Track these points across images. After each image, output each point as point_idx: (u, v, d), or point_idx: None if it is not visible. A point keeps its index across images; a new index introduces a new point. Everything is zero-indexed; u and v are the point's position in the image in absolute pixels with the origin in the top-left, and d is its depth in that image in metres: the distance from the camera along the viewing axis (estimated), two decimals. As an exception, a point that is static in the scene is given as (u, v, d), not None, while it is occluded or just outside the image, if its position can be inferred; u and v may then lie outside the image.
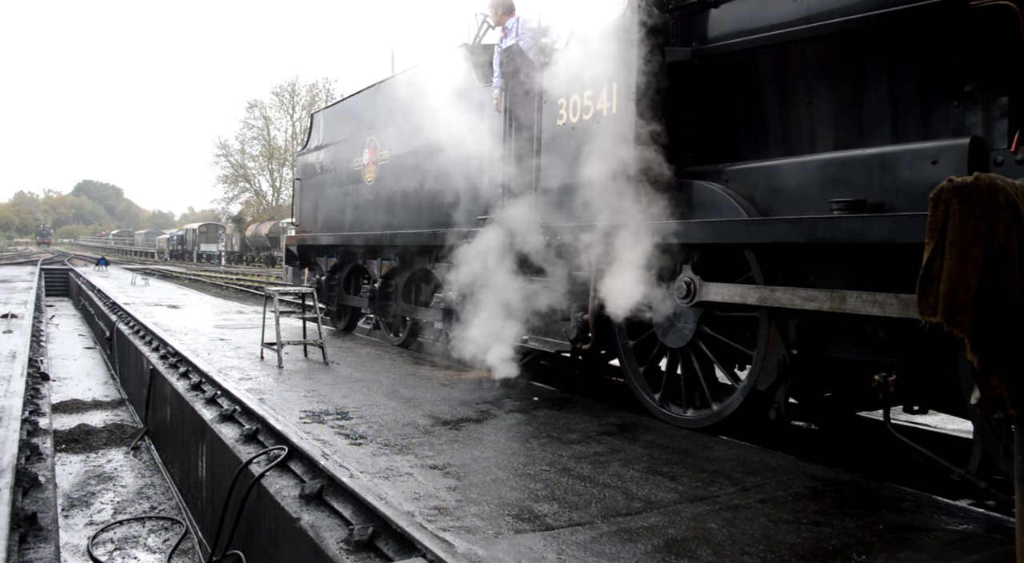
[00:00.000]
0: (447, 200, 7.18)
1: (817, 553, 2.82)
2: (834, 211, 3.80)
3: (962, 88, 3.60)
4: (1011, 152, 3.37)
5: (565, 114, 5.55)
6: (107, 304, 14.63)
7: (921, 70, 3.74)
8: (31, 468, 4.33)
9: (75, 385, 10.81)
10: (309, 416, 4.90)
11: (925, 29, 3.67)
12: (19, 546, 3.34)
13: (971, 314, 2.25)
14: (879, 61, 3.91)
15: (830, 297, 3.88)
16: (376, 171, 8.65)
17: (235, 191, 59.52)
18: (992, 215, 2.25)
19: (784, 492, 3.54)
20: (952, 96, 3.63)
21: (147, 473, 6.97)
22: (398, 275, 8.73)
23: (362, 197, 9.04)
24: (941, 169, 3.47)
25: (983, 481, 3.43)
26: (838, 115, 4.16)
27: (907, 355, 3.75)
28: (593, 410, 5.33)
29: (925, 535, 3.04)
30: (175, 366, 7.37)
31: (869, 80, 3.98)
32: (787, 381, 4.31)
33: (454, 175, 6.98)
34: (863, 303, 3.72)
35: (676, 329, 4.98)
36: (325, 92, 53.31)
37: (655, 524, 3.08)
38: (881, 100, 3.94)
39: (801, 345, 4.22)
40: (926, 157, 3.58)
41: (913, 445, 3.89)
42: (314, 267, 11.05)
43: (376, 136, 8.70)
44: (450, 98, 7.10)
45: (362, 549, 3.01)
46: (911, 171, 3.64)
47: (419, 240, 7.76)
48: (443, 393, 5.83)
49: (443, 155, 7.10)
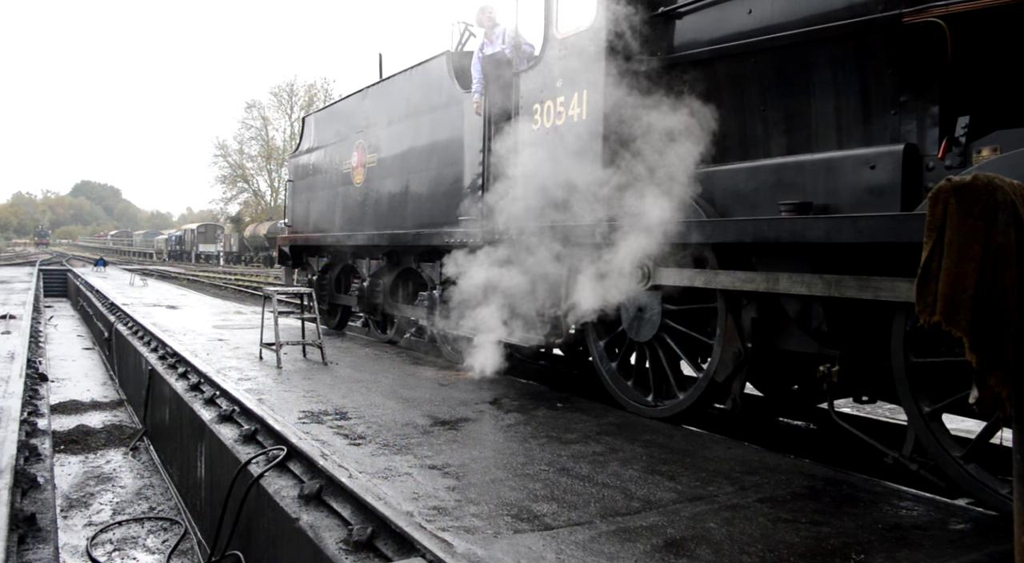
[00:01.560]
0: (430, 201, 7.43)
1: (816, 552, 2.82)
2: (782, 212, 4.05)
3: (898, 98, 3.85)
4: (939, 158, 3.62)
5: (540, 119, 5.86)
6: (105, 305, 14.62)
7: (863, 81, 3.99)
8: (30, 469, 4.33)
9: (74, 386, 10.80)
10: (308, 416, 4.90)
11: (865, 43, 3.90)
12: (18, 547, 3.34)
13: (969, 313, 2.26)
14: (825, 72, 4.16)
15: (765, 279, 4.24)
16: (364, 173, 8.89)
17: (233, 191, 59.48)
18: (990, 214, 2.25)
19: (783, 491, 3.54)
20: (890, 106, 3.88)
21: (146, 474, 6.96)
22: (386, 274, 8.94)
23: (351, 198, 9.26)
24: (878, 174, 3.75)
25: (914, 463, 3.73)
26: (788, 122, 4.41)
27: (848, 347, 4.02)
28: (592, 410, 5.33)
29: (923, 534, 3.04)
30: (174, 366, 7.37)
31: (816, 90, 4.23)
32: (742, 372, 4.64)
33: (436, 177, 7.28)
34: (792, 284, 4.08)
35: (643, 325, 5.29)
36: (323, 92, 53.29)
37: (654, 524, 3.08)
38: (827, 109, 4.18)
39: (755, 338, 4.51)
40: (865, 162, 3.84)
41: (854, 431, 4.16)
42: (306, 267, 11.29)
43: (364, 139, 8.95)
44: (433, 103, 7.44)
45: (361, 549, 3.01)
46: (852, 175, 3.89)
47: (404, 240, 7.97)
48: (442, 393, 5.83)
49: (426, 157, 7.47)
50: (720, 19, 4.76)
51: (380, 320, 9.48)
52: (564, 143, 5.54)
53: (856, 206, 3.84)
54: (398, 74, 8.38)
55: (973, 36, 3.56)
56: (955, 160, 3.58)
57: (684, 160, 4.78)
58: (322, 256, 10.66)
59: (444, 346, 7.82)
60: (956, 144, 3.59)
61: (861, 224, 3.62)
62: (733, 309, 4.61)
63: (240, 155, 57.78)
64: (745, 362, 4.57)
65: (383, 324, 9.53)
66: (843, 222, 3.70)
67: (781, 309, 4.30)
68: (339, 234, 9.61)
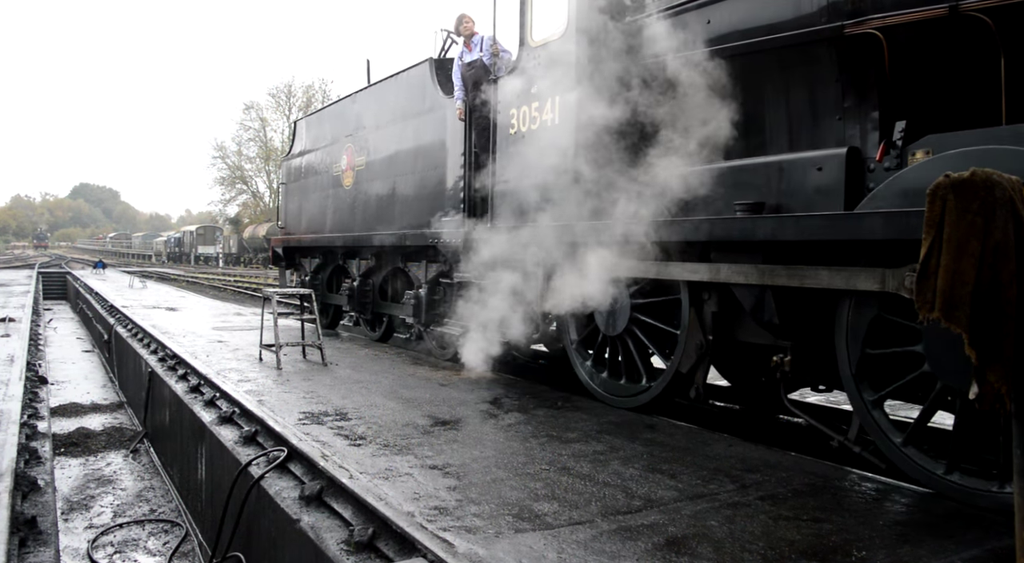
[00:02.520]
0: (415, 203, 7.68)
1: (817, 549, 2.82)
2: (737, 212, 4.33)
3: (843, 104, 4.11)
4: (878, 161, 3.86)
5: (516, 124, 6.15)
6: (105, 307, 14.61)
7: (811, 89, 4.25)
8: (30, 472, 4.32)
9: (73, 388, 10.79)
10: (308, 417, 4.90)
11: (812, 53, 4.16)
12: (19, 550, 3.34)
13: (969, 309, 2.26)
14: (777, 80, 4.42)
15: (708, 269, 4.58)
16: (354, 176, 9.16)
17: (232, 193, 59.37)
18: (989, 210, 2.25)
19: (784, 489, 3.54)
20: (835, 111, 4.15)
21: (146, 476, 6.96)
22: (375, 274, 9.24)
23: (341, 200, 9.52)
24: (824, 175, 4.02)
25: (857, 446, 3.99)
26: (746, 127, 4.67)
27: (798, 338, 4.29)
28: (592, 409, 5.33)
29: (925, 531, 3.04)
30: (174, 368, 7.36)
31: (769, 96, 4.51)
32: (705, 363, 4.93)
33: (421, 179, 7.54)
34: (732, 273, 4.42)
35: (614, 319, 5.56)
36: (321, 93, 53.16)
37: (655, 522, 3.08)
38: (780, 114, 4.45)
39: (716, 331, 4.82)
40: (813, 164, 4.10)
41: (805, 417, 4.47)
42: (299, 267, 11.57)
43: (353, 143, 9.23)
44: (417, 108, 7.73)
45: (362, 550, 3.01)
46: (802, 176, 4.15)
47: (391, 241, 8.20)
48: (442, 393, 5.82)
49: (411, 161, 7.74)
50: (682, 27, 4.99)
51: (370, 319, 9.68)
52: (539, 147, 5.76)
53: (806, 205, 4.10)
54: (384, 80, 8.69)
55: (907, 47, 3.83)
56: (892, 162, 3.80)
57: (654, 163, 4.97)
58: (314, 257, 10.91)
59: (431, 343, 8.01)
60: (893, 147, 3.81)
61: (802, 223, 3.92)
62: (696, 303, 4.90)
63: (238, 156, 57.71)
64: (707, 353, 4.86)
65: (373, 323, 9.77)
66: (787, 221, 4.00)
67: (739, 303, 4.53)
68: (330, 235, 9.87)
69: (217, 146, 59.25)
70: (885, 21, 3.80)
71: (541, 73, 5.84)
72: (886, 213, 3.52)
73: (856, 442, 4.00)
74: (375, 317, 9.59)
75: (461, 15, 7.15)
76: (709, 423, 5.36)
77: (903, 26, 3.75)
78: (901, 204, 3.54)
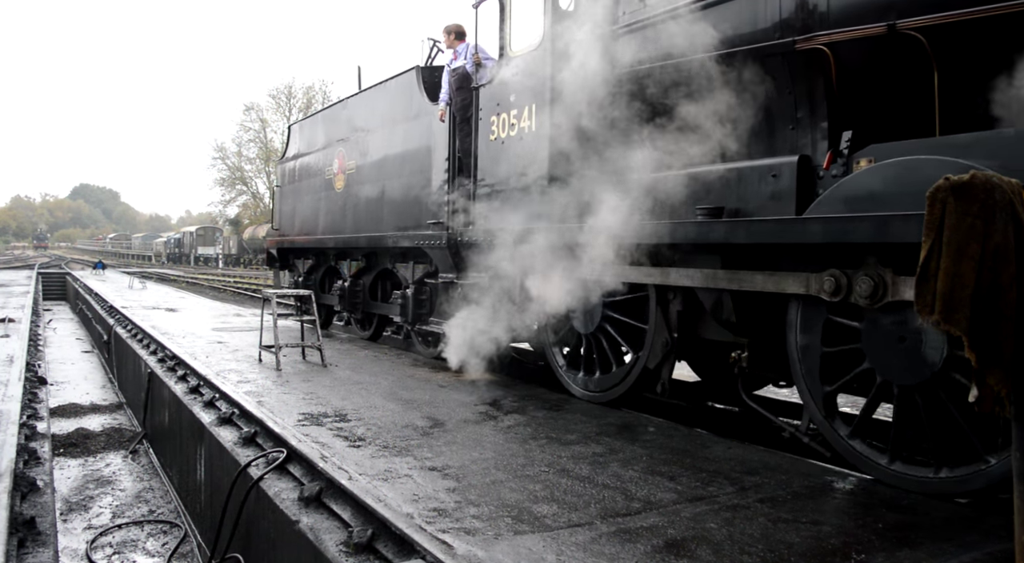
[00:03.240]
0: (403, 205, 7.96)
1: (816, 552, 2.82)
2: (698, 216, 4.56)
3: (796, 115, 4.34)
4: (826, 168, 4.09)
5: (496, 130, 6.42)
6: (104, 308, 14.61)
7: (767, 99, 4.48)
8: (29, 472, 4.32)
9: (73, 389, 10.79)
10: (308, 418, 4.90)
11: (768, 66, 4.41)
12: (18, 551, 3.34)
13: (968, 312, 2.26)
14: (737, 91, 4.60)
15: (660, 273, 4.94)
16: (345, 179, 9.45)
17: (232, 194, 59.33)
18: (988, 213, 2.25)
19: (783, 491, 3.54)
20: (789, 121, 4.38)
21: (146, 477, 6.95)
22: (365, 275, 9.53)
23: (333, 203, 9.81)
24: (779, 181, 4.26)
25: (806, 437, 4.30)
26: (708, 134, 4.82)
27: (754, 336, 4.54)
28: (591, 411, 5.33)
29: (924, 534, 3.04)
30: (173, 369, 7.36)
31: (730, 106, 4.66)
32: (670, 360, 5.22)
33: (408, 183, 7.83)
34: (680, 277, 4.79)
35: (589, 318, 5.84)
36: (322, 94, 53.20)
37: (654, 524, 3.08)
38: (739, 123, 4.63)
39: (680, 329, 5.09)
40: (769, 171, 4.33)
41: (760, 410, 4.77)
42: (293, 268, 11.90)
43: (344, 147, 9.53)
44: (404, 114, 8.03)
45: (361, 551, 3.01)
46: (759, 183, 4.38)
47: (380, 242, 8.50)
48: (441, 395, 5.82)
49: (399, 165, 8.04)
50: (647, 41, 5.22)
51: (361, 318, 9.96)
52: (517, 154, 6.08)
53: (762, 210, 4.32)
54: (373, 86, 9.00)
55: (852, 62, 4.06)
56: (839, 170, 4.02)
57: (625, 169, 5.21)
58: (307, 258, 11.21)
59: (417, 341, 8.30)
60: (840, 155, 4.04)
61: (753, 227, 4.15)
62: (662, 303, 5.18)
63: (239, 157, 57.70)
64: (672, 351, 5.14)
65: (363, 322, 10.04)
66: (739, 225, 4.25)
67: (701, 303, 4.80)
68: (322, 237, 10.15)
69: (217, 147, 59.18)
70: (831, 37, 4.04)
71: (518, 82, 6.11)
72: (824, 218, 3.78)
73: (806, 434, 4.29)
74: (365, 316, 9.83)
75: (448, 26, 7.47)
76: (709, 426, 5.40)
77: (847, 42, 4.00)
78: (843, 209, 3.74)
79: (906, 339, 3.62)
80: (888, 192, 3.55)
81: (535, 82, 5.89)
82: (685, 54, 4.83)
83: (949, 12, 3.66)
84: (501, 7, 6.38)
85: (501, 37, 6.36)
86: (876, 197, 3.60)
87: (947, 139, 3.58)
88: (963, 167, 3.02)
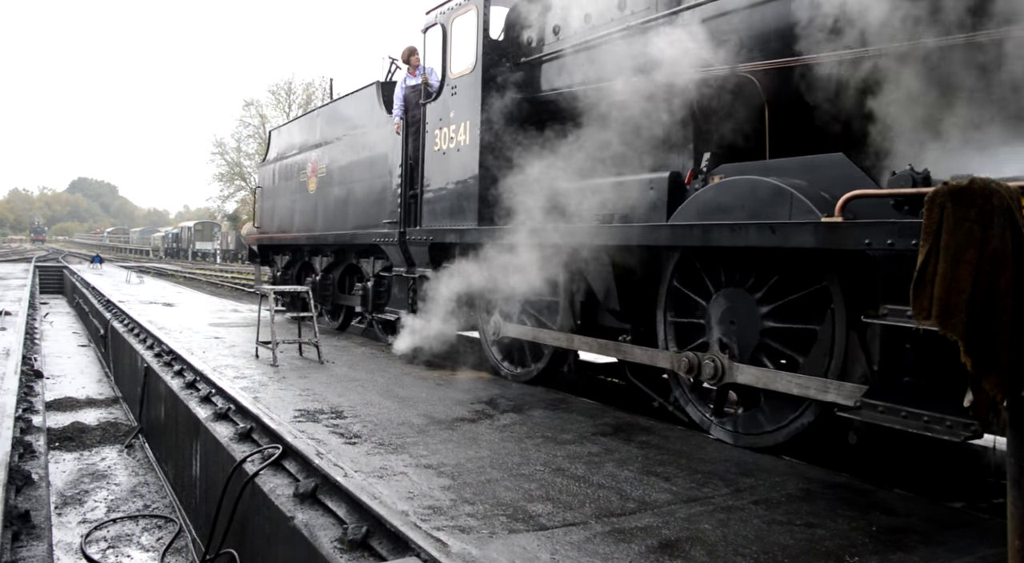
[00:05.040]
0: (364, 206, 8.82)
1: (810, 554, 2.83)
2: (596, 221, 5.30)
3: (671, 138, 5.16)
4: (687, 183, 4.89)
5: (439, 142, 7.28)
6: (101, 302, 14.60)
7: (650, 124, 5.15)
8: (24, 466, 4.32)
9: (69, 383, 10.78)
10: (303, 415, 4.90)
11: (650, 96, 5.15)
12: (12, 544, 3.34)
13: (965, 317, 2.26)
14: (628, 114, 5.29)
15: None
16: (317, 182, 10.34)
17: (231, 189, 59.07)
18: (986, 218, 2.26)
19: (778, 493, 3.55)
20: (665, 143, 5.20)
21: (141, 471, 6.95)
22: (334, 269, 10.37)
23: (306, 203, 10.69)
24: (655, 193, 5.00)
25: (671, 406, 5.12)
26: (605, 151, 5.60)
27: (635, 322, 5.39)
28: (587, 410, 5.34)
29: (917, 538, 3.05)
30: (169, 364, 7.36)
31: (624, 127, 5.38)
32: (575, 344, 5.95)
33: (369, 186, 8.73)
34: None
35: (514, 309, 6.59)
36: (321, 90, 53.07)
37: (649, 525, 3.09)
38: (631, 142, 5.35)
39: (583, 317, 5.90)
40: (649, 185, 5.09)
41: (637, 383, 5.52)
42: (272, 263, 12.90)
43: (316, 153, 10.42)
44: (366, 124, 8.95)
45: (356, 548, 3.01)
46: (642, 193, 5.10)
47: (345, 239, 9.35)
48: (438, 392, 5.83)
49: (362, 170, 8.95)
50: (559, 69, 6.23)
51: (331, 309, 10.71)
52: (455, 163, 6.96)
53: (644, 216, 5.05)
54: (340, 98, 10.11)
55: (708, 95, 4.90)
56: (700, 184, 4.76)
57: (541, 179, 5.97)
58: (284, 254, 12.19)
59: (377, 328, 8.98)
60: (700, 172, 4.83)
61: (624, 231, 5.01)
62: (568, 295, 5.94)
63: (238, 153, 57.45)
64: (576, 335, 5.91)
65: (334, 313, 10.71)
66: (616, 230, 5.07)
67: (594, 294, 5.58)
68: (297, 234, 11.04)
69: (216, 142, 58.96)
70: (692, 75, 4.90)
71: (456, 101, 7.02)
72: (671, 226, 4.70)
73: (671, 404, 5.13)
74: (335, 308, 10.59)
75: (411, 47, 8.36)
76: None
77: (703, 79, 4.85)
78: (696, 217, 4.57)
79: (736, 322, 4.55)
80: (725, 203, 4.40)
81: (469, 101, 6.76)
82: (588, 82, 5.81)
83: (771, 60, 4.55)
84: (444, 34, 7.26)
85: (443, 60, 7.25)
86: (719, 207, 4.43)
87: (774, 162, 4.43)
88: (772, 184, 4.12)
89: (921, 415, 3.27)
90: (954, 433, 3.14)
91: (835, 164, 4.05)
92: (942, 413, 3.18)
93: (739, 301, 4.52)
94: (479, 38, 6.69)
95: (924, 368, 3.34)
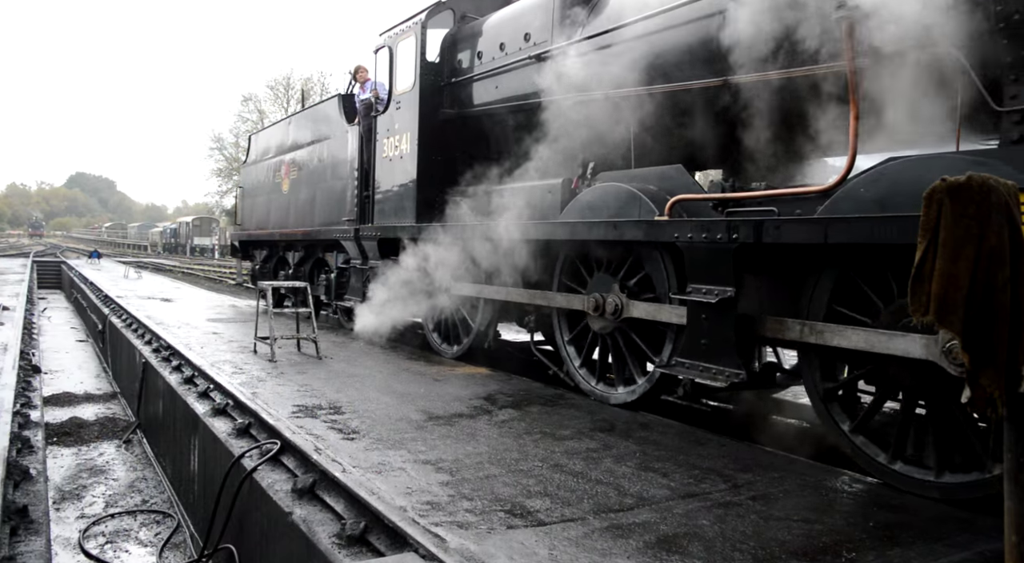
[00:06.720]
0: (328, 206, 9.83)
1: (807, 550, 2.83)
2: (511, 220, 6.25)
3: (567, 149, 6.07)
4: (574, 188, 5.91)
5: (387, 151, 8.36)
6: (100, 297, 14.59)
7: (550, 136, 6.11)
8: (22, 461, 4.32)
9: (67, 378, 10.77)
10: (302, 410, 4.90)
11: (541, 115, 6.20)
12: (10, 539, 3.34)
13: (962, 313, 2.26)
14: (533, 129, 6.29)
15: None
16: (289, 183, 11.39)
17: (229, 184, 59.04)
18: (984, 215, 2.26)
19: (775, 489, 3.56)
20: (561, 153, 6.13)
21: (139, 467, 6.95)
22: (305, 263, 11.22)
23: (280, 203, 11.71)
24: (552, 196, 6.02)
25: (564, 375, 6.08)
26: (519, 160, 6.60)
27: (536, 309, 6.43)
28: (586, 406, 5.34)
29: (914, 533, 3.06)
30: (168, 359, 7.35)
31: (532, 140, 6.29)
32: (493, 324, 7.08)
33: (331, 188, 9.77)
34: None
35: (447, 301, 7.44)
36: (320, 85, 52.95)
37: (647, 520, 3.09)
38: (536, 153, 6.27)
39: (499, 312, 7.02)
40: (548, 190, 6.13)
41: (540, 357, 6.65)
42: (252, 258, 13.87)
43: (289, 156, 11.45)
44: (330, 132, 10.01)
45: (354, 543, 3.02)
46: (543, 197, 6.13)
47: (312, 235, 10.36)
48: (436, 388, 5.83)
49: (326, 173, 10.05)
50: (482, 89, 7.35)
51: (303, 300, 11.47)
52: (399, 169, 8.06)
53: (545, 216, 6.03)
54: (309, 108, 11.63)
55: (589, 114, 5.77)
56: (584, 189, 5.73)
57: (466, 184, 7.23)
58: (262, 249, 13.08)
59: (340, 316, 9.77)
60: (584, 179, 5.92)
61: (525, 228, 6.02)
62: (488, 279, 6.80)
63: (236, 148, 57.39)
64: (494, 317, 7.00)
65: (306, 304, 11.23)
66: (522, 226, 6.05)
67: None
68: (272, 231, 12.04)
69: (214, 137, 58.72)
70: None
71: (400, 115, 8.11)
72: (557, 223, 5.79)
73: (564, 374, 6.09)
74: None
75: (358, 66, 9.64)
76: (702, 422, 5.41)
77: (583, 102, 5.79)
78: (576, 216, 5.62)
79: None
80: (596, 204, 5.43)
81: (410, 115, 7.88)
82: (505, 101, 6.87)
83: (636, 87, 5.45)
84: (390, 55, 8.39)
85: (390, 78, 8.39)
86: (592, 207, 5.46)
87: (636, 171, 5.48)
88: (628, 190, 5.16)
89: (710, 368, 4.44)
90: (726, 379, 4.32)
91: (676, 173, 5.09)
92: (723, 367, 4.36)
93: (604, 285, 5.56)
94: (417, 60, 7.83)
95: (714, 334, 4.42)
